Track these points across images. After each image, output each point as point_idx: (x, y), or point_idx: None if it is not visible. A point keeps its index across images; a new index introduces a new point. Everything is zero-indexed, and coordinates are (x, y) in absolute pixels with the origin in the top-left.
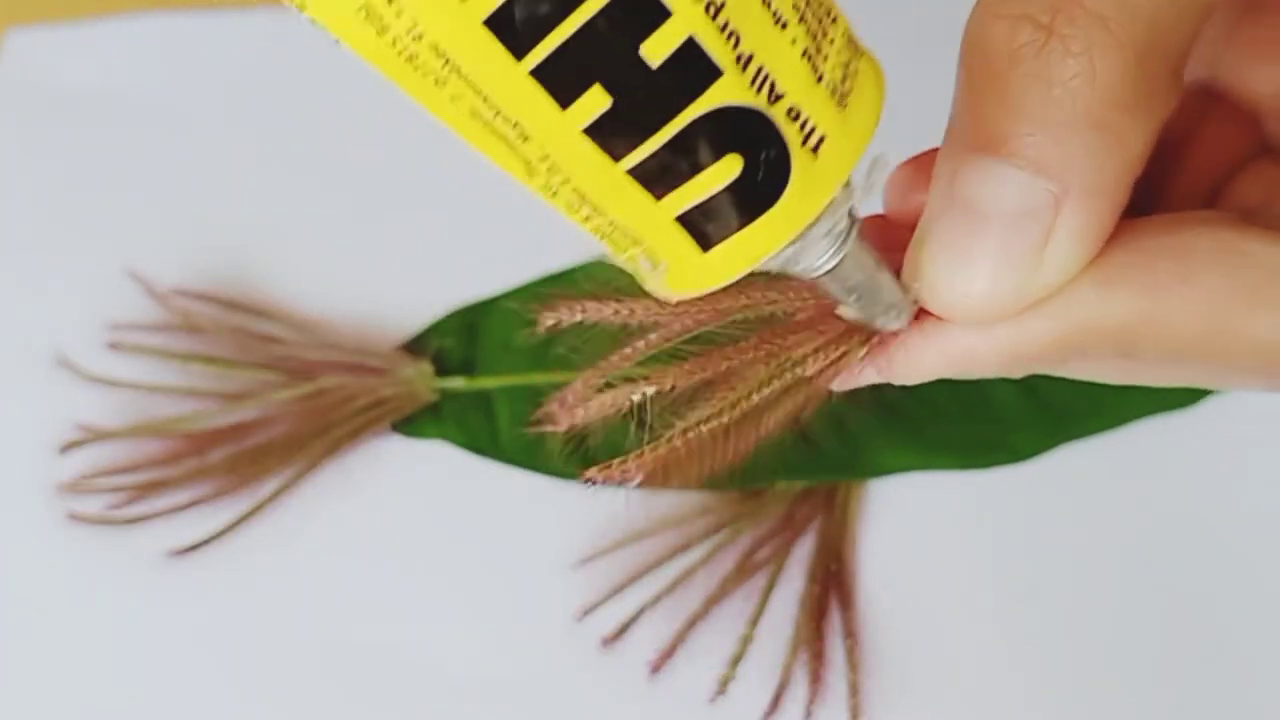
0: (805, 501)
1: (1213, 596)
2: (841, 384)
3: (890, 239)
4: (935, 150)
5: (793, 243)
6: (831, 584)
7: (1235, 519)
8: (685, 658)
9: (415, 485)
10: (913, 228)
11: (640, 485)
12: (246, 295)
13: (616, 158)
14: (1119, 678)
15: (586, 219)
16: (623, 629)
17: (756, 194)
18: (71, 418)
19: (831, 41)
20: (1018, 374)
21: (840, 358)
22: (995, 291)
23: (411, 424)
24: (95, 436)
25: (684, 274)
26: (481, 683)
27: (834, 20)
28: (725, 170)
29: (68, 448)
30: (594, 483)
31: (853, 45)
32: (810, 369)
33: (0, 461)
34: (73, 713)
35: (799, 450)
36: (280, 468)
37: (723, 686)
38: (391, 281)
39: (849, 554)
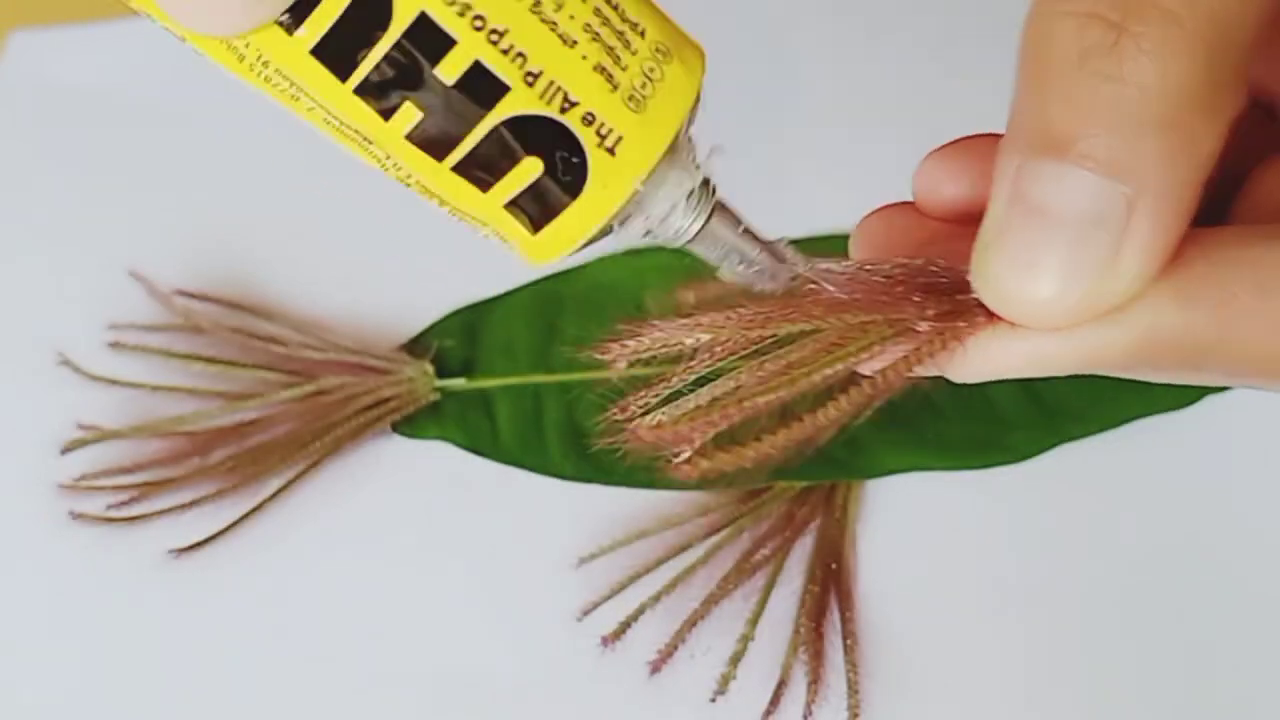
0: (805, 501)
1: (1212, 596)
2: (900, 377)
3: (921, 228)
4: (963, 141)
5: (607, 226)
6: (831, 583)
7: (1234, 519)
8: (685, 657)
9: (415, 485)
10: (944, 218)
11: (692, 472)
12: (248, 296)
13: (439, 159)
14: (1118, 677)
15: (440, 205)
16: (623, 628)
17: (561, 187)
18: (73, 417)
19: (634, 52)
20: (1082, 371)
21: (904, 354)
22: (1065, 298)
23: (412, 424)
24: (97, 436)
25: (528, 249)
26: (482, 682)
27: (641, 33)
28: (529, 168)
29: (69, 447)
30: (642, 443)
31: (661, 53)
32: (870, 363)
33: (2, 460)
34: (74, 711)
35: (798, 450)
36: (281, 467)
37: (723, 686)
38: (392, 282)
39: (848, 554)
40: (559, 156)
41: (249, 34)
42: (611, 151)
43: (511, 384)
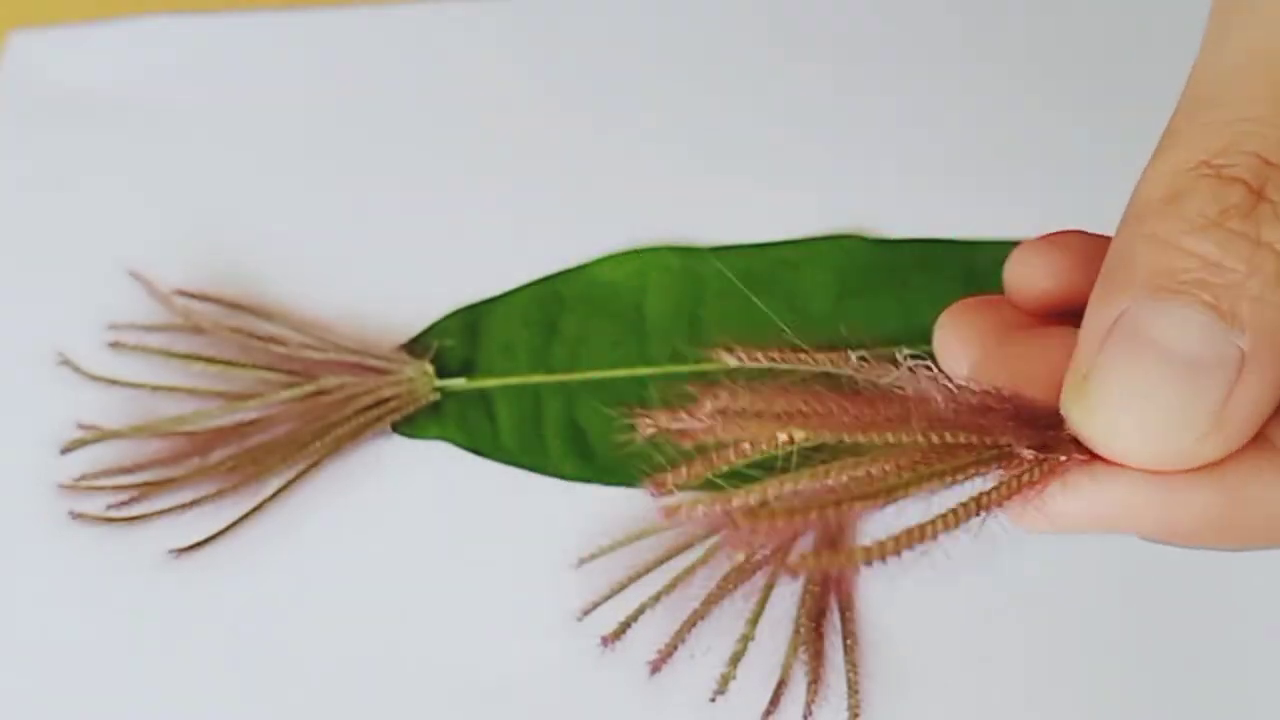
0: None
1: (1212, 596)
2: (997, 503)
3: (1008, 323)
4: (1055, 235)
5: None
6: (831, 584)
7: None
8: (685, 657)
9: (415, 485)
10: (1033, 311)
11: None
12: (248, 295)
13: None
14: (1118, 678)
15: None
16: (623, 628)
17: None
18: (73, 417)
19: None
20: (1158, 539)
21: (1004, 481)
22: (1168, 435)
23: (412, 424)
24: (97, 436)
25: None
26: (481, 682)
27: None
28: None
29: (69, 447)
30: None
31: None
32: (963, 484)
33: (1, 460)
34: (74, 712)
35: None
36: (281, 467)
37: (722, 686)
38: (392, 282)
39: None
40: None
41: None
42: None
43: (512, 384)
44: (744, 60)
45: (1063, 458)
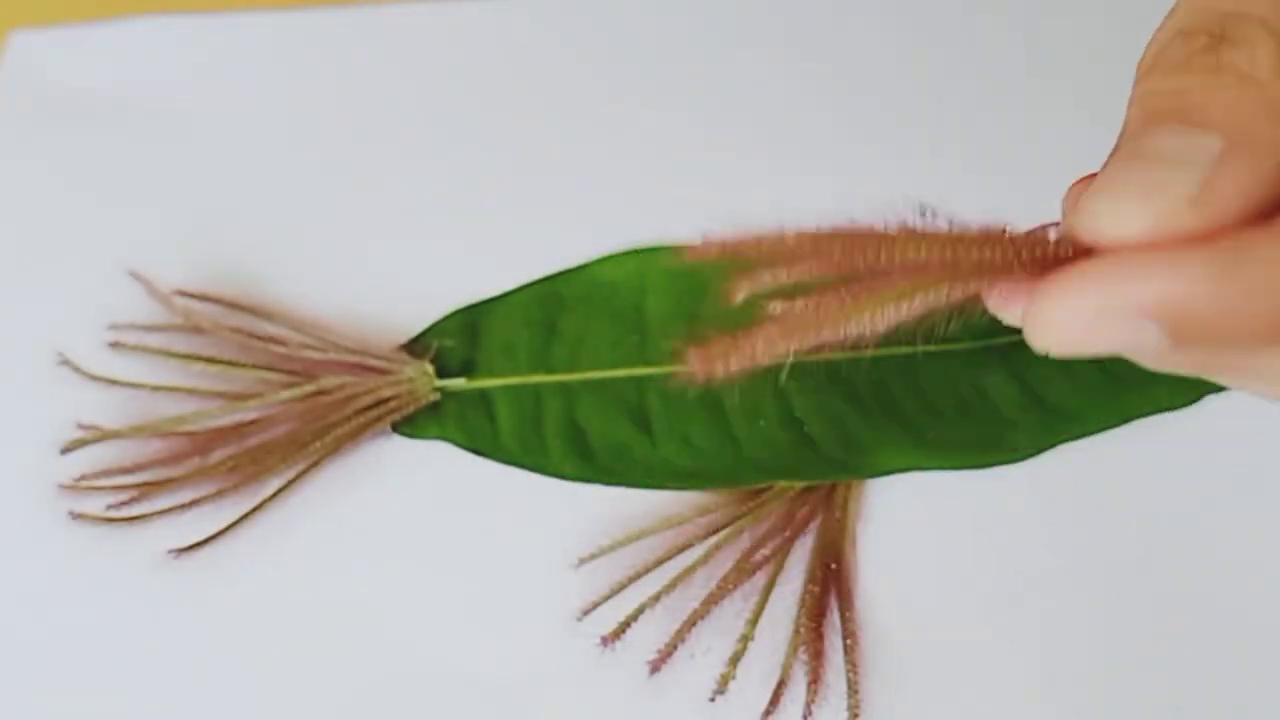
0: (805, 501)
1: (1212, 596)
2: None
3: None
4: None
5: None
6: (831, 583)
7: (1235, 519)
8: (685, 657)
9: (415, 485)
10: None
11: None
12: (248, 295)
13: None
14: (1118, 678)
15: None
16: (622, 628)
17: None
18: (73, 417)
19: None
20: (1161, 353)
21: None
22: (1149, 211)
23: (412, 424)
24: (97, 436)
25: None
26: (481, 682)
27: None
28: None
29: (69, 447)
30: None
31: None
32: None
33: (1, 460)
34: (73, 712)
35: (799, 450)
36: (281, 467)
37: (722, 685)
38: (392, 282)
39: (848, 553)
40: None
41: None
42: None
43: (512, 384)
44: (745, 60)
45: (1059, 253)
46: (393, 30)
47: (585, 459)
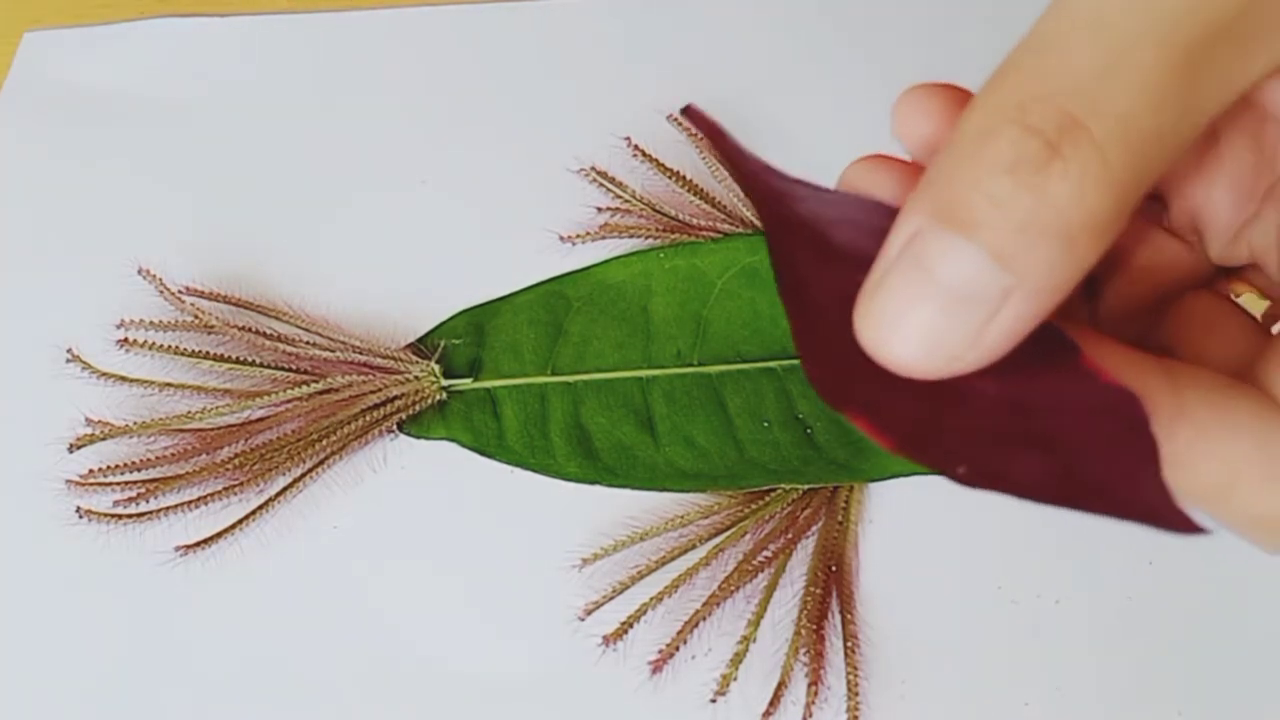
0: (807, 503)
1: (1212, 596)
2: None
3: (898, 181)
4: (943, 86)
5: None
6: (832, 585)
7: None
8: (686, 657)
9: (421, 484)
10: (917, 155)
11: None
12: (256, 294)
13: None
14: (1118, 678)
15: None
16: (624, 628)
17: None
18: (81, 414)
19: None
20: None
21: None
22: (922, 355)
23: (418, 423)
24: (105, 433)
25: None
26: (484, 681)
27: None
28: None
29: (77, 444)
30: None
31: None
32: None
33: (10, 456)
34: (80, 709)
35: (802, 452)
36: (288, 465)
37: (723, 686)
38: (400, 282)
39: (850, 556)
40: None
41: None
42: None
43: (518, 384)
44: (748, 59)
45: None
46: (398, 32)
47: (590, 459)
